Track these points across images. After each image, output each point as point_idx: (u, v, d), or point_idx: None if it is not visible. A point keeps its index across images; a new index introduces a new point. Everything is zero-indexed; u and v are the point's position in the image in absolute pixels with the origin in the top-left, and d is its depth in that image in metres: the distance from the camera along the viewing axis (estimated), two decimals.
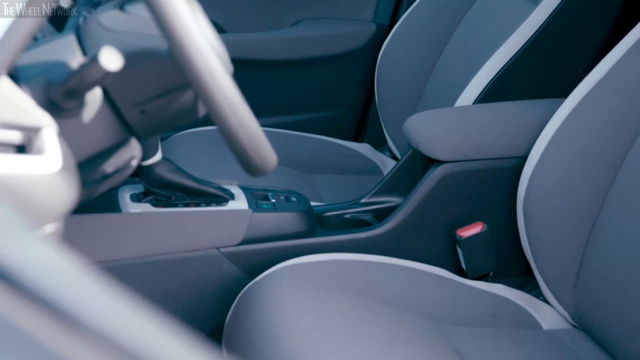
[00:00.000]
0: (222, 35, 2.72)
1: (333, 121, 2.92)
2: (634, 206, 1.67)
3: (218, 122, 1.07)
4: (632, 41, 1.77)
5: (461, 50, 2.49)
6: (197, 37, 1.02)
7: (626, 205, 1.68)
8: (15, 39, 0.97)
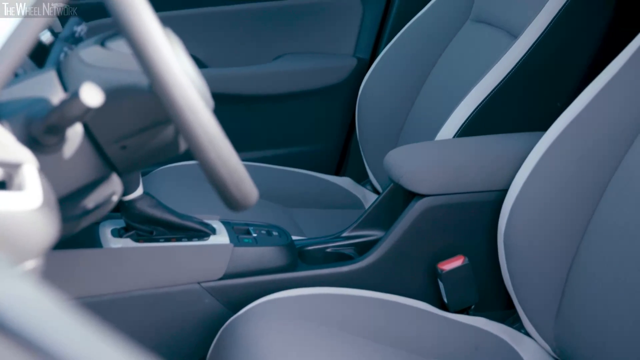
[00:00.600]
0: (204, 70, 2.72)
1: (314, 155, 2.93)
2: (613, 239, 1.67)
3: (198, 157, 1.07)
4: (610, 75, 1.79)
5: (441, 84, 2.51)
6: (178, 73, 1.03)
7: (606, 238, 1.69)
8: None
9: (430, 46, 2.57)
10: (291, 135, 2.90)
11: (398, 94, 2.59)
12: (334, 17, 2.91)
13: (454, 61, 2.51)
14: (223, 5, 2.82)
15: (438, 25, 2.58)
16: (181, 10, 2.77)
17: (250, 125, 2.83)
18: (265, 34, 2.89)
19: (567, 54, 2.27)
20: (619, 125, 1.75)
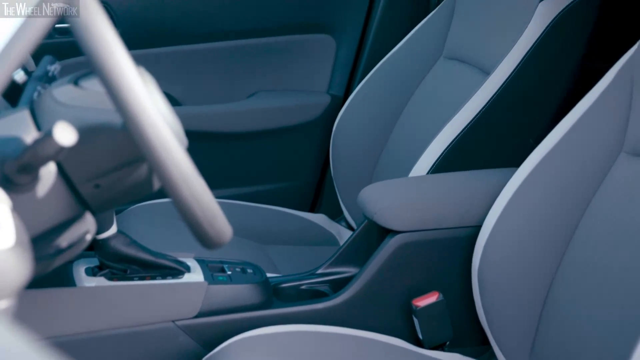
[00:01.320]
0: (178, 108, 2.73)
1: (289, 192, 2.93)
2: (586, 276, 1.68)
3: (172, 195, 1.07)
4: (582, 111, 1.81)
5: (415, 120, 2.52)
6: (151, 112, 1.03)
7: (578, 275, 1.70)
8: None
9: (403, 83, 2.59)
10: (265, 172, 2.90)
11: (372, 131, 2.60)
12: (307, 55, 2.93)
13: (427, 98, 2.52)
14: (197, 43, 2.82)
15: (411, 63, 2.59)
16: (155, 49, 2.78)
17: (225, 163, 2.83)
18: (240, 72, 2.90)
19: (539, 90, 2.29)
20: (591, 161, 1.77)
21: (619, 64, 1.82)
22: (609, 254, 1.66)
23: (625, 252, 1.63)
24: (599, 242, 1.70)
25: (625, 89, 1.78)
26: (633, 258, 1.61)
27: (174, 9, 2.78)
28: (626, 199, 1.69)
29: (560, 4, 2.24)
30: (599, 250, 1.69)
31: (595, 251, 1.69)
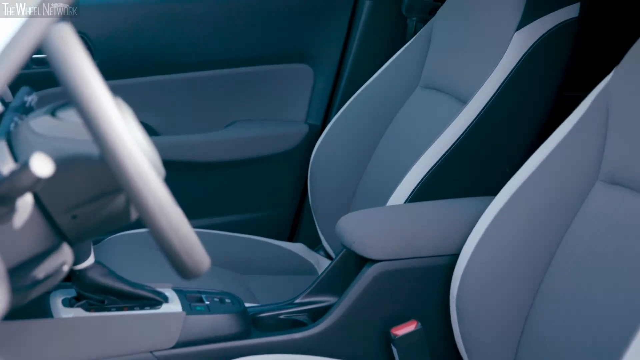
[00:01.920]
0: (155, 137, 2.72)
1: (267, 221, 2.93)
2: (563, 304, 1.69)
3: (150, 226, 1.07)
4: (558, 140, 1.82)
5: (393, 149, 2.53)
6: (128, 142, 1.03)
7: (556, 303, 1.71)
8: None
9: (381, 112, 2.60)
10: (243, 201, 2.90)
11: (350, 160, 2.60)
12: (285, 84, 2.93)
13: (404, 127, 2.53)
14: (175, 73, 2.83)
15: (388, 92, 2.60)
16: (133, 79, 2.78)
17: (203, 192, 2.83)
18: (217, 101, 2.90)
19: (516, 119, 2.31)
20: (567, 190, 1.78)
21: (594, 93, 1.83)
22: (585, 282, 1.67)
23: (601, 280, 1.64)
24: (575, 270, 1.70)
25: (600, 117, 1.79)
26: (609, 286, 1.62)
27: (151, 39, 2.79)
28: (602, 227, 1.70)
29: (536, 34, 2.26)
30: (575, 278, 1.69)
31: (572, 279, 1.70)
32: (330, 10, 2.90)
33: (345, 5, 2.90)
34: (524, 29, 2.26)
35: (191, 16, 2.82)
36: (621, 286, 1.60)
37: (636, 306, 1.53)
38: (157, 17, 2.80)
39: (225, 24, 2.85)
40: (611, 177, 1.74)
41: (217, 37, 2.85)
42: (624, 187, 1.70)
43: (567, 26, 2.28)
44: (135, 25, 2.77)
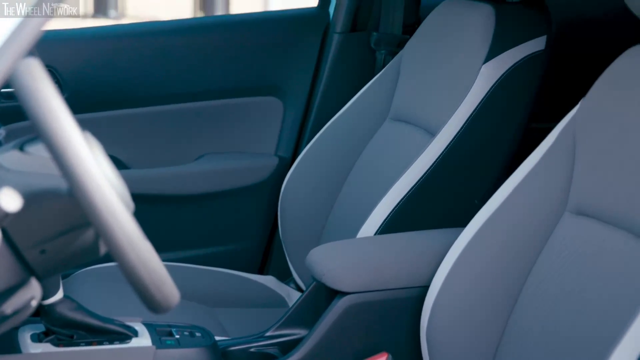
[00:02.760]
0: (125, 171, 2.72)
1: (237, 254, 2.92)
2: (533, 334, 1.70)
3: (119, 260, 1.07)
4: (526, 171, 1.84)
5: (362, 181, 2.53)
6: (97, 176, 1.03)
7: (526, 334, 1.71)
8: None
9: (350, 144, 2.61)
10: (213, 234, 2.90)
11: (320, 192, 2.60)
12: (255, 117, 2.94)
13: (374, 159, 2.54)
14: (144, 107, 2.83)
15: (358, 124, 2.62)
16: (102, 112, 2.77)
17: (172, 226, 2.82)
18: (187, 134, 2.90)
19: (484, 151, 2.32)
20: (536, 221, 1.79)
21: (562, 124, 1.85)
22: (553, 313, 1.68)
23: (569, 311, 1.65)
24: (544, 301, 1.71)
25: (568, 148, 1.81)
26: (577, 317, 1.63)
27: (120, 72, 2.79)
28: (570, 258, 1.71)
29: (503, 66, 2.28)
30: (544, 309, 1.70)
31: (541, 311, 1.71)
32: (299, 44, 2.92)
33: (314, 39, 2.92)
34: (491, 61, 2.28)
35: (160, 49, 2.83)
36: (589, 317, 1.61)
37: (604, 338, 1.54)
38: (126, 51, 2.80)
39: (195, 57, 2.86)
40: (578, 208, 1.76)
41: (187, 70, 2.85)
42: (591, 218, 1.72)
43: (534, 59, 2.31)
44: (104, 58, 2.77)
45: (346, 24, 2.87)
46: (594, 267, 1.66)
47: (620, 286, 1.60)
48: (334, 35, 2.89)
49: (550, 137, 1.85)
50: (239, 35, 2.91)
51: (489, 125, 2.29)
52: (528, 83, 2.33)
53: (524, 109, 2.35)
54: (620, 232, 1.65)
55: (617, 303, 1.58)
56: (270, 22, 3.00)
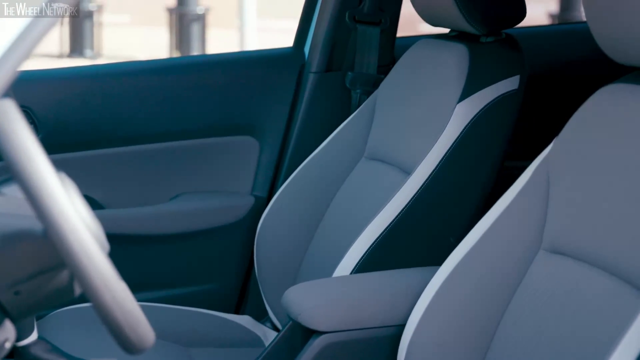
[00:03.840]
0: (100, 211, 2.71)
1: (213, 294, 2.91)
2: None
3: (93, 301, 1.06)
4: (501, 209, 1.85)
5: (338, 220, 2.54)
6: (71, 218, 1.03)
7: None
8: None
9: (326, 184, 2.61)
10: (189, 274, 2.89)
11: (296, 231, 2.61)
12: (230, 156, 2.94)
13: (350, 198, 2.55)
14: (119, 147, 2.82)
15: (333, 163, 2.63)
16: (77, 152, 2.77)
17: (148, 266, 2.81)
18: (163, 174, 2.90)
19: (459, 189, 2.33)
20: (511, 259, 1.80)
21: (536, 163, 1.86)
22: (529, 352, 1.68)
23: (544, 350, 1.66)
24: (520, 340, 1.72)
25: (541, 187, 1.82)
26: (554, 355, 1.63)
27: (96, 112, 2.79)
28: (545, 296, 1.71)
29: (478, 105, 2.30)
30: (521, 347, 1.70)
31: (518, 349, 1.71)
32: (275, 83, 2.93)
33: (290, 78, 2.93)
34: (465, 100, 2.30)
35: (136, 89, 2.83)
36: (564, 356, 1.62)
37: None
38: (102, 91, 2.81)
39: (171, 97, 2.86)
40: (553, 246, 1.77)
41: (162, 109, 2.86)
42: (566, 256, 1.73)
43: (507, 98, 2.33)
44: (79, 98, 2.77)
45: (321, 63, 2.88)
46: (569, 306, 1.66)
47: (595, 324, 1.60)
48: (309, 74, 2.90)
49: (525, 175, 1.86)
50: (214, 75, 2.92)
51: (463, 164, 2.31)
52: (502, 122, 2.35)
53: (498, 148, 2.37)
54: (595, 270, 1.66)
55: (592, 342, 1.59)
56: (246, 62, 3.02)
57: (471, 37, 2.42)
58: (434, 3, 2.40)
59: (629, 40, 1.64)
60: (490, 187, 2.35)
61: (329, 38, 2.87)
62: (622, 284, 1.60)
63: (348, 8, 2.84)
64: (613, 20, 1.66)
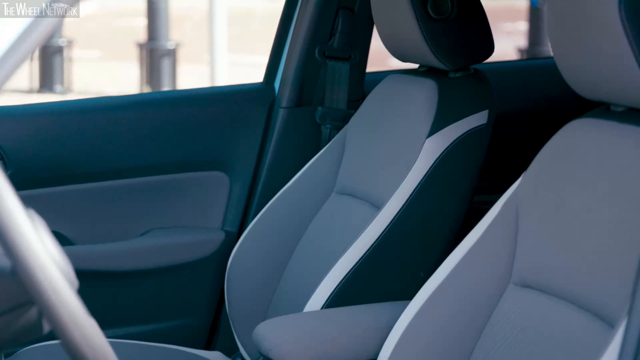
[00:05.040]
0: (69, 247, 2.69)
1: (183, 330, 2.90)
2: None
3: (62, 338, 1.06)
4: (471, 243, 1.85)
5: (309, 255, 2.54)
6: (40, 254, 1.03)
7: None
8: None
9: (297, 218, 2.62)
10: (159, 310, 2.87)
11: (267, 266, 2.61)
12: (200, 191, 2.94)
13: (320, 232, 2.55)
14: (89, 182, 2.82)
15: (304, 198, 2.63)
16: (46, 188, 2.76)
17: (117, 302, 2.80)
18: (133, 209, 2.89)
19: (429, 224, 2.34)
20: (481, 293, 1.81)
21: (505, 197, 1.88)
22: None
23: None
24: None
25: (510, 221, 1.83)
26: None
27: (65, 147, 2.78)
28: (515, 330, 1.72)
29: (447, 140, 2.31)
30: None
31: None
32: (245, 118, 2.94)
33: (260, 113, 2.94)
34: (435, 135, 2.31)
35: (106, 125, 2.83)
36: None
37: None
38: (72, 126, 2.80)
39: (141, 133, 2.86)
40: (522, 280, 1.78)
41: (132, 145, 2.86)
42: (535, 290, 1.74)
43: (476, 132, 2.34)
44: (49, 134, 2.76)
45: (292, 99, 2.89)
46: (538, 339, 1.67)
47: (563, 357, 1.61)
48: (279, 110, 2.91)
49: (494, 210, 1.87)
50: (185, 110, 2.92)
51: (433, 199, 2.32)
52: (471, 156, 2.36)
53: (468, 182, 2.38)
54: (563, 303, 1.67)
55: None
56: (217, 98, 3.03)
57: (440, 72, 2.44)
58: (403, 39, 2.42)
59: (594, 75, 1.66)
60: (460, 221, 2.36)
61: (299, 73, 2.88)
62: (592, 318, 1.61)
63: (318, 44, 2.86)
64: (579, 56, 1.68)
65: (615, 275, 1.57)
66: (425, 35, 2.32)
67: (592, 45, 1.63)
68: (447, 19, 2.37)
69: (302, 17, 2.85)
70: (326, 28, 2.86)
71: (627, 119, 1.67)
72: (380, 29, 2.50)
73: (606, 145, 1.68)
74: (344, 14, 2.84)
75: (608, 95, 1.69)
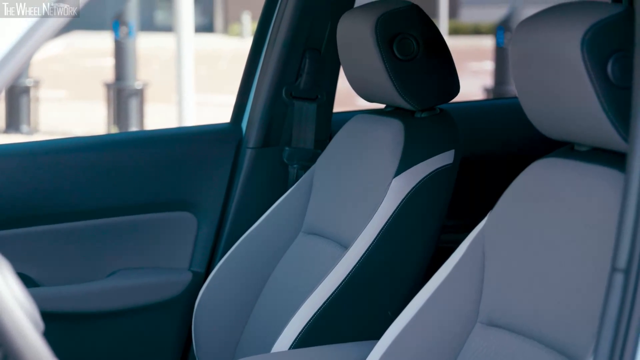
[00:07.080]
0: (34, 289, 2.67)
1: None
2: None
3: None
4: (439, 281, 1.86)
5: (277, 295, 2.54)
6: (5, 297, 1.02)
7: None
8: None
9: (264, 258, 2.62)
10: (126, 351, 2.85)
11: (234, 307, 2.60)
12: (168, 232, 2.93)
13: (288, 273, 2.55)
14: (54, 224, 2.80)
15: (271, 238, 2.63)
16: (11, 230, 2.74)
17: (84, 344, 2.78)
18: (99, 250, 2.87)
19: (396, 263, 2.35)
20: (448, 332, 1.81)
21: (471, 236, 1.88)
22: None
23: None
24: None
25: (477, 260, 1.84)
26: None
27: (31, 189, 2.77)
28: None
29: (413, 180, 2.33)
30: None
31: None
32: (212, 159, 2.94)
33: (227, 154, 2.94)
34: (401, 175, 2.32)
35: (73, 165, 2.82)
36: None
37: None
38: (38, 167, 2.79)
39: (107, 173, 2.86)
40: (489, 319, 1.78)
41: (99, 186, 2.85)
42: (502, 329, 1.74)
43: (443, 172, 2.36)
44: (14, 175, 2.75)
45: (259, 139, 2.90)
46: None
47: None
48: (246, 150, 2.91)
49: (460, 249, 1.88)
50: (152, 151, 2.92)
51: (400, 238, 2.33)
52: (438, 196, 2.38)
53: (434, 222, 2.39)
54: (530, 342, 1.68)
55: None
56: (184, 138, 3.03)
57: (406, 112, 2.46)
58: (369, 79, 2.43)
59: (558, 115, 1.68)
60: (427, 260, 2.37)
61: (266, 114, 2.89)
62: (559, 357, 1.62)
63: (284, 84, 2.87)
64: (542, 96, 1.69)
65: (581, 313, 1.58)
66: (391, 75, 2.33)
67: (556, 86, 1.64)
68: (413, 59, 2.38)
69: (269, 58, 2.87)
70: (293, 68, 2.87)
71: (591, 158, 1.68)
72: (346, 69, 2.52)
73: (570, 184, 1.70)
74: (310, 55, 2.86)
75: (572, 134, 1.70)
